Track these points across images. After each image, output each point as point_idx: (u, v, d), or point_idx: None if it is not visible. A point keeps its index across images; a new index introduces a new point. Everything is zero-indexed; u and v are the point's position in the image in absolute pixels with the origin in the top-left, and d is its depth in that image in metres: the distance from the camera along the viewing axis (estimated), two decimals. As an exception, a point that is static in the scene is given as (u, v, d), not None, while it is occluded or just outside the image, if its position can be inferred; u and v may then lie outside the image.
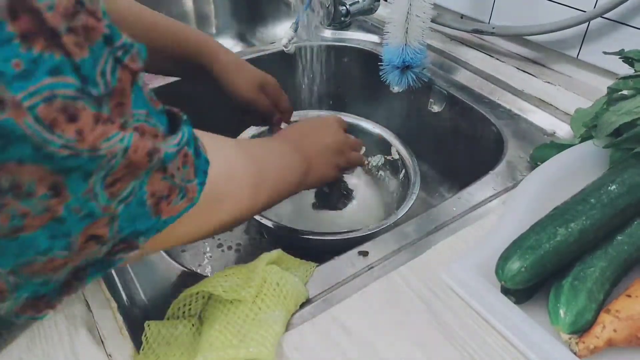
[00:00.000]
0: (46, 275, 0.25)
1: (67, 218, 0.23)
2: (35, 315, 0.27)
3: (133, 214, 0.26)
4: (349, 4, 0.85)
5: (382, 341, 0.37)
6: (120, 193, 0.24)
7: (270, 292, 0.38)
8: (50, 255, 0.24)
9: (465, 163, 0.74)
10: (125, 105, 0.23)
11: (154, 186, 0.26)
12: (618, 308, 0.36)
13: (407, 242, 0.46)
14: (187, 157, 0.29)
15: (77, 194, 0.22)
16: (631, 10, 0.61)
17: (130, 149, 0.23)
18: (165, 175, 0.27)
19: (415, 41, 0.68)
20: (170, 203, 0.28)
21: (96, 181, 0.23)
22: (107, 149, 0.22)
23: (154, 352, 0.36)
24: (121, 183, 0.24)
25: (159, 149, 0.25)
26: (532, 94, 0.68)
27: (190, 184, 0.29)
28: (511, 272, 0.37)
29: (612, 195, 0.41)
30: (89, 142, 0.21)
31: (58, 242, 0.24)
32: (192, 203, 0.30)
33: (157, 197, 0.27)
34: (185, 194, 0.29)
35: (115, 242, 0.26)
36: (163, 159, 0.26)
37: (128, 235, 0.27)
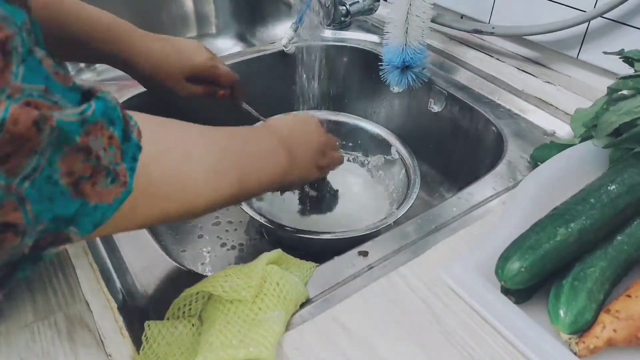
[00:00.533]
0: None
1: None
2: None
3: (45, 193, 0.24)
4: (349, 4, 0.85)
5: (382, 341, 0.37)
6: (19, 170, 0.22)
7: (270, 292, 0.38)
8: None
9: (465, 163, 0.74)
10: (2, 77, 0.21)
11: (71, 165, 0.24)
12: (618, 308, 0.36)
13: (407, 242, 0.46)
14: (112, 139, 0.27)
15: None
16: (631, 10, 0.61)
17: (7, 120, 0.21)
18: (90, 157, 0.25)
19: (415, 41, 0.68)
20: (97, 185, 0.26)
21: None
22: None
23: (154, 352, 0.36)
24: (16, 159, 0.22)
25: (49, 117, 0.23)
26: (532, 94, 0.68)
27: (119, 167, 0.28)
28: (511, 272, 0.37)
29: (612, 195, 0.41)
30: None
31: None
32: (126, 189, 0.28)
33: (75, 177, 0.25)
34: (116, 178, 0.27)
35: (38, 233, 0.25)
36: (60, 129, 0.23)
37: (51, 222, 0.25)
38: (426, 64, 0.74)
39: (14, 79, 0.22)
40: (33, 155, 0.23)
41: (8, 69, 0.21)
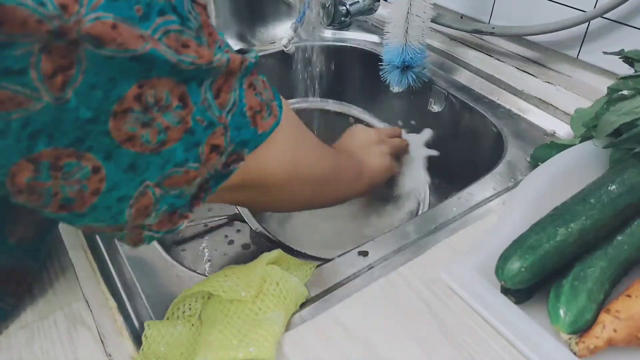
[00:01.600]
0: (182, 188, 0.30)
1: (196, 129, 0.28)
2: (172, 227, 0.31)
3: (238, 123, 0.31)
4: (349, 3, 0.85)
5: (382, 341, 0.37)
6: (226, 104, 0.30)
7: (270, 292, 0.38)
8: (186, 167, 0.29)
9: (465, 163, 0.74)
10: (214, 34, 0.29)
11: (250, 101, 0.32)
12: (618, 308, 0.36)
13: (407, 242, 0.46)
14: (265, 83, 0.35)
15: (197, 104, 0.28)
16: (631, 10, 0.61)
17: (230, 59, 0.29)
18: (256, 92, 0.33)
19: (415, 41, 0.68)
20: (263, 117, 0.34)
21: (206, 90, 0.28)
22: (218, 61, 0.28)
23: (154, 352, 0.36)
24: (224, 93, 0.30)
25: (246, 58, 0.31)
26: (532, 94, 0.68)
27: (273, 102, 0.35)
28: (511, 272, 0.37)
29: (612, 195, 0.41)
30: (206, 58, 0.27)
31: (191, 154, 0.29)
32: (277, 121, 0.35)
33: (253, 111, 0.33)
34: (271, 111, 0.35)
35: (228, 152, 0.32)
36: (248, 66, 0.31)
37: (237, 145, 0.32)
38: (426, 64, 0.74)
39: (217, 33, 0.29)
40: (232, 92, 0.30)
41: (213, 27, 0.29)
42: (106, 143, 0.25)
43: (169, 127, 0.27)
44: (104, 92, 0.24)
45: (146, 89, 0.25)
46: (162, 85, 0.26)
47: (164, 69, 0.25)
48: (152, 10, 0.24)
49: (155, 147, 0.27)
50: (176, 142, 0.28)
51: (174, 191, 0.29)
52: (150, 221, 0.30)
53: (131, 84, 0.24)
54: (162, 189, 0.29)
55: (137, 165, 0.27)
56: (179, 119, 0.27)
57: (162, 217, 0.30)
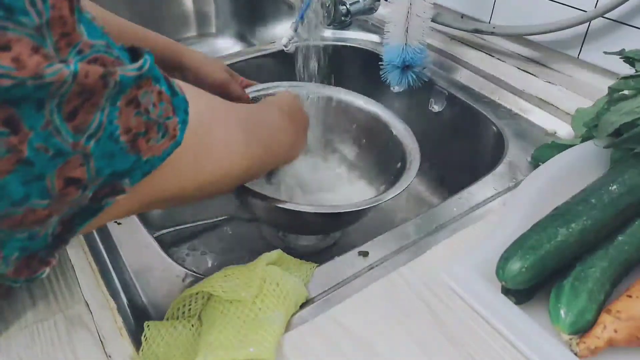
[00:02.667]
0: (30, 229, 0.24)
1: (35, 159, 0.22)
2: (31, 275, 0.26)
3: (107, 150, 0.25)
4: (349, 3, 0.85)
5: (382, 341, 0.37)
6: (86, 127, 0.24)
7: (270, 292, 0.38)
8: (28, 205, 0.23)
9: (466, 163, 0.74)
10: (72, 34, 0.22)
11: (128, 122, 0.26)
12: (619, 308, 0.35)
13: (407, 242, 0.46)
14: (162, 95, 0.28)
15: (35, 129, 0.22)
16: (632, 10, 0.61)
17: (79, 73, 0.22)
18: (139, 110, 0.26)
19: (416, 41, 0.68)
20: (150, 140, 0.27)
21: (52, 112, 0.22)
22: (53, 76, 0.21)
23: (154, 352, 0.36)
24: (83, 114, 0.23)
25: (114, 71, 0.24)
26: (532, 93, 0.68)
27: (170, 121, 0.29)
28: (512, 273, 0.37)
29: (612, 196, 0.41)
30: (30, 69, 0.20)
31: (33, 189, 0.23)
32: (175, 142, 0.29)
33: (132, 134, 0.26)
34: (166, 132, 0.28)
35: (97, 185, 0.26)
36: (121, 82, 0.24)
37: (110, 176, 0.26)
38: (426, 63, 0.74)
39: (82, 35, 0.23)
40: (96, 112, 0.24)
41: (77, 25, 0.23)
42: None
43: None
44: None
45: None
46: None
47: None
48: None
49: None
50: (7, 175, 0.22)
51: (20, 234, 0.24)
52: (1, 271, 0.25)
53: None
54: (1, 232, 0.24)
55: None
56: (8, 147, 0.21)
57: (17, 265, 0.25)
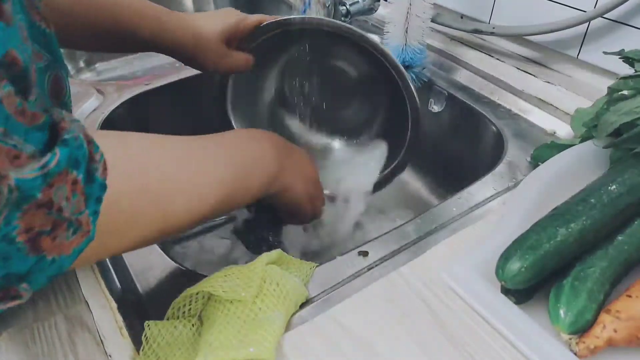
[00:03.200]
0: None
1: None
2: None
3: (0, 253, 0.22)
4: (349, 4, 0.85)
5: (382, 341, 0.37)
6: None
7: (270, 292, 0.38)
8: None
9: (465, 163, 0.74)
10: None
11: (30, 222, 0.23)
12: (618, 308, 0.35)
13: (407, 242, 0.46)
14: (76, 185, 0.25)
15: None
16: (631, 10, 0.61)
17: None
18: (51, 211, 0.23)
19: (415, 41, 0.68)
20: (57, 238, 0.24)
21: None
22: None
23: (154, 352, 0.36)
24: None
25: (6, 176, 0.21)
26: (532, 94, 0.68)
27: (82, 215, 0.25)
28: (511, 272, 0.37)
29: (612, 195, 0.41)
30: None
31: None
32: (88, 237, 0.26)
33: (34, 232, 0.23)
34: (78, 227, 0.25)
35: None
36: (21, 187, 0.21)
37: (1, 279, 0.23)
38: (426, 64, 0.74)
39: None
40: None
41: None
42: None
43: None
44: None
45: None
46: None
47: None
48: None
49: None
50: None
51: None
52: None
53: None
54: None
55: None
56: None
57: None
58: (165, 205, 0.33)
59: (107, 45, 0.55)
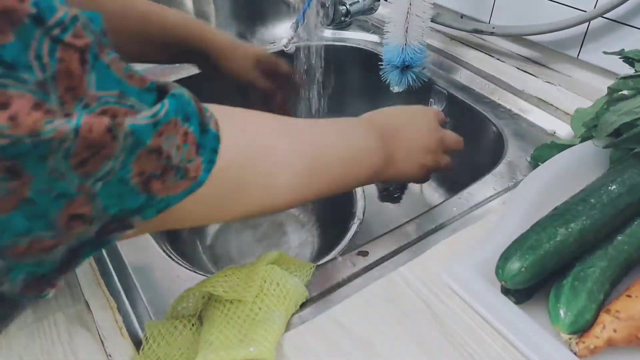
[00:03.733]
0: (37, 257, 0.25)
1: (37, 199, 0.22)
2: (38, 294, 0.27)
3: (115, 191, 0.25)
4: (349, 3, 0.85)
5: (382, 341, 0.37)
6: (94, 172, 0.24)
7: (270, 292, 0.38)
8: (32, 237, 0.24)
9: (466, 163, 0.74)
10: (78, 88, 0.22)
11: (143, 166, 0.25)
12: (618, 308, 0.35)
13: (407, 242, 0.46)
14: (188, 136, 0.28)
15: (39, 175, 0.22)
16: (631, 10, 0.61)
17: (82, 128, 0.22)
18: (161, 158, 0.26)
19: (415, 41, 0.68)
20: (166, 182, 0.27)
21: (57, 162, 0.22)
22: (51, 133, 0.21)
23: (154, 352, 0.36)
24: (92, 163, 0.23)
25: (121, 123, 0.23)
26: (532, 94, 0.68)
27: (191, 163, 0.28)
28: (511, 272, 0.37)
29: (612, 195, 0.41)
30: (26, 127, 0.20)
31: (37, 223, 0.23)
32: (196, 182, 0.29)
33: (145, 176, 0.26)
34: (185, 174, 0.28)
35: (104, 221, 0.26)
36: (135, 132, 0.24)
37: (118, 213, 0.26)
38: (426, 63, 0.74)
39: (89, 87, 0.22)
40: (108, 160, 0.24)
41: (84, 77, 0.22)
42: None
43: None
44: None
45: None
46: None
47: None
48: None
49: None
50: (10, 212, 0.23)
51: (27, 261, 0.25)
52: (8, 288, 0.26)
53: None
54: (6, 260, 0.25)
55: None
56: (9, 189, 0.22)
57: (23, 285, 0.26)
58: (271, 180, 0.34)
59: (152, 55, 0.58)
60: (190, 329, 0.38)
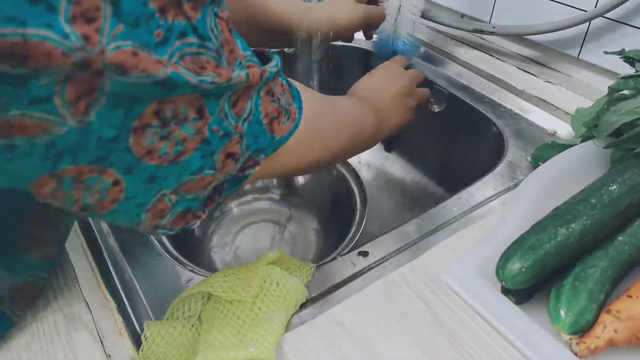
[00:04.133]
0: (197, 192, 0.31)
1: (212, 139, 0.29)
2: (185, 226, 0.33)
3: (254, 131, 0.32)
4: (349, 3, 0.85)
5: (382, 341, 0.37)
6: (242, 113, 0.31)
7: (270, 292, 0.38)
8: (201, 174, 0.30)
9: (466, 163, 0.74)
10: (234, 50, 0.29)
11: (266, 108, 0.33)
12: (619, 308, 0.35)
13: (407, 242, 0.46)
14: (284, 86, 0.35)
15: (214, 114, 0.28)
16: (632, 10, 0.61)
17: (250, 74, 0.30)
18: (274, 99, 0.33)
19: (405, 32, 0.69)
20: (280, 123, 0.34)
21: (225, 101, 0.29)
22: (237, 78, 0.28)
23: (154, 352, 0.36)
24: (241, 102, 0.30)
25: (265, 69, 0.31)
26: (532, 93, 0.68)
27: (291, 106, 0.36)
28: (512, 273, 0.36)
29: (612, 196, 0.41)
30: (224, 77, 0.27)
31: (207, 162, 0.30)
32: (295, 124, 0.36)
33: (270, 117, 0.33)
34: (289, 115, 0.35)
35: (244, 159, 0.32)
36: (268, 77, 0.32)
37: (253, 152, 0.33)
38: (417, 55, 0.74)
39: (239, 49, 0.29)
40: (249, 100, 0.31)
41: (235, 42, 0.29)
42: (127, 159, 0.26)
43: (186, 139, 0.27)
44: (124, 111, 0.24)
45: (165, 104, 0.25)
46: (180, 100, 0.26)
47: (185, 89, 0.25)
48: (173, 33, 0.24)
49: (172, 158, 0.27)
50: (192, 152, 0.28)
51: (189, 196, 0.31)
52: (164, 222, 0.31)
53: (151, 101, 0.25)
54: (178, 195, 0.30)
55: (156, 177, 0.28)
56: (196, 130, 0.28)
57: (176, 217, 0.31)
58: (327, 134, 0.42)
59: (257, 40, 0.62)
60: (190, 329, 0.38)
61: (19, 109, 0.21)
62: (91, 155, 0.25)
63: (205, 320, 0.38)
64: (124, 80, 0.23)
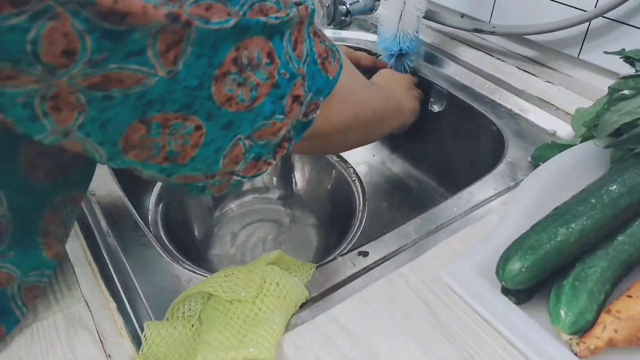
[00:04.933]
0: (268, 138, 0.33)
1: (280, 82, 0.31)
2: (257, 172, 0.34)
3: (312, 72, 0.34)
4: (349, 3, 0.85)
5: (382, 342, 0.37)
6: (302, 55, 0.33)
7: (270, 292, 0.38)
8: (273, 119, 0.32)
9: (466, 163, 0.74)
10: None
11: (318, 48, 0.35)
12: (619, 308, 0.35)
13: (407, 242, 0.46)
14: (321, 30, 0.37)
15: (281, 58, 0.31)
16: (632, 10, 0.61)
17: (300, 8, 0.32)
18: (321, 39, 0.36)
19: (410, 29, 0.69)
20: (330, 63, 0.36)
21: (287, 43, 0.31)
22: (292, 13, 0.30)
23: (153, 352, 0.36)
24: (299, 44, 0.32)
25: (307, 5, 0.33)
26: (532, 93, 0.68)
27: (334, 49, 0.38)
28: (512, 273, 0.36)
29: (613, 196, 0.41)
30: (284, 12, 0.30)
31: (277, 106, 0.31)
32: (340, 65, 0.38)
33: (322, 58, 0.35)
34: (335, 56, 0.37)
35: (307, 101, 0.34)
36: (311, 12, 0.33)
37: (314, 94, 0.35)
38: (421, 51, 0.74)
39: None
40: (305, 42, 0.33)
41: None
42: (208, 106, 0.28)
43: (260, 84, 0.30)
44: (208, 60, 0.27)
45: (241, 51, 0.28)
46: (254, 44, 0.28)
47: (256, 29, 0.28)
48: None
49: (248, 105, 0.30)
50: (265, 97, 0.30)
51: (261, 142, 0.33)
52: (239, 168, 0.33)
53: (230, 48, 0.27)
54: (252, 141, 0.32)
55: (233, 123, 0.30)
56: (268, 74, 0.30)
57: (249, 164, 0.33)
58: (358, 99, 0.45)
59: None
60: (190, 329, 0.38)
61: (117, 63, 0.23)
62: (177, 104, 0.27)
63: (205, 320, 0.38)
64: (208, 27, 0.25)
